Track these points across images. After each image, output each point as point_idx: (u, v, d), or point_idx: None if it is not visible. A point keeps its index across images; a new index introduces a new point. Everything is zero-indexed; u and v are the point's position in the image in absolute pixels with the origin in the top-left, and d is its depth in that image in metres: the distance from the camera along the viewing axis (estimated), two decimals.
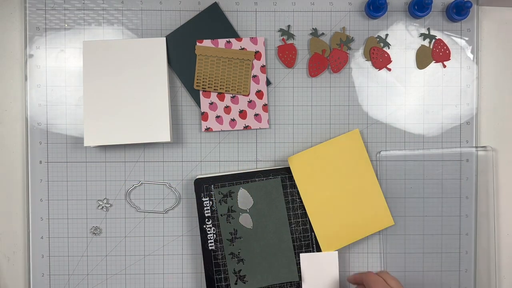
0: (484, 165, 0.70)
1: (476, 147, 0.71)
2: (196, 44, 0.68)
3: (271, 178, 0.68)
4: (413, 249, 0.70)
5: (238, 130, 0.70)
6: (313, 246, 0.69)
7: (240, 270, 0.68)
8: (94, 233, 0.70)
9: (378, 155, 0.70)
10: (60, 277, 0.70)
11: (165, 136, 0.67)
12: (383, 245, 0.70)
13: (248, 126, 0.69)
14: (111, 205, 0.70)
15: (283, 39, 0.70)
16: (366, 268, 0.71)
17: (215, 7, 0.69)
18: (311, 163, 0.68)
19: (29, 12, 0.69)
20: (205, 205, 0.68)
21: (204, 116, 0.69)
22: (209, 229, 0.68)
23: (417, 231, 0.70)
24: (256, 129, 0.70)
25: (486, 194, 0.70)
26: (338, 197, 0.68)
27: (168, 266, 0.70)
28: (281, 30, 0.70)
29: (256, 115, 0.69)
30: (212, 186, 0.68)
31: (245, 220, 0.68)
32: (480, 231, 0.70)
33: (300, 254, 0.68)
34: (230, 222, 0.68)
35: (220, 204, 0.67)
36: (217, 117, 0.69)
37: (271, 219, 0.68)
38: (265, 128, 0.70)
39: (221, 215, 0.68)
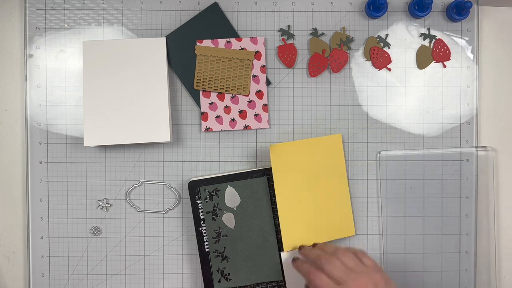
0: (484, 165, 0.70)
1: (476, 147, 0.71)
2: (196, 44, 0.68)
3: (255, 177, 0.68)
4: (413, 249, 0.70)
5: (238, 130, 0.70)
6: None
7: (224, 268, 0.68)
8: (94, 233, 0.70)
9: (378, 155, 0.70)
10: (60, 277, 0.70)
11: (165, 136, 0.67)
12: (383, 245, 0.70)
13: (248, 126, 0.69)
14: (111, 205, 0.70)
15: (283, 39, 0.70)
16: None
17: (215, 7, 0.69)
18: (290, 155, 0.67)
19: (29, 12, 0.69)
20: (199, 207, 0.68)
21: (204, 116, 0.69)
22: (204, 231, 0.68)
23: (417, 231, 0.70)
24: (256, 129, 0.70)
25: (486, 194, 0.70)
26: (308, 197, 0.67)
27: (167, 266, 0.70)
28: (281, 30, 0.70)
29: (256, 115, 0.69)
30: (200, 185, 0.68)
31: (228, 220, 0.68)
32: (480, 231, 0.70)
33: (281, 253, 0.67)
34: (215, 220, 0.68)
35: (206, 202, 0.67)
36: (217, 117, 0.69)
37: (257, 218, 0.68)
38: (265, 128, 0.70)
39: (207, 212, 0.67)
